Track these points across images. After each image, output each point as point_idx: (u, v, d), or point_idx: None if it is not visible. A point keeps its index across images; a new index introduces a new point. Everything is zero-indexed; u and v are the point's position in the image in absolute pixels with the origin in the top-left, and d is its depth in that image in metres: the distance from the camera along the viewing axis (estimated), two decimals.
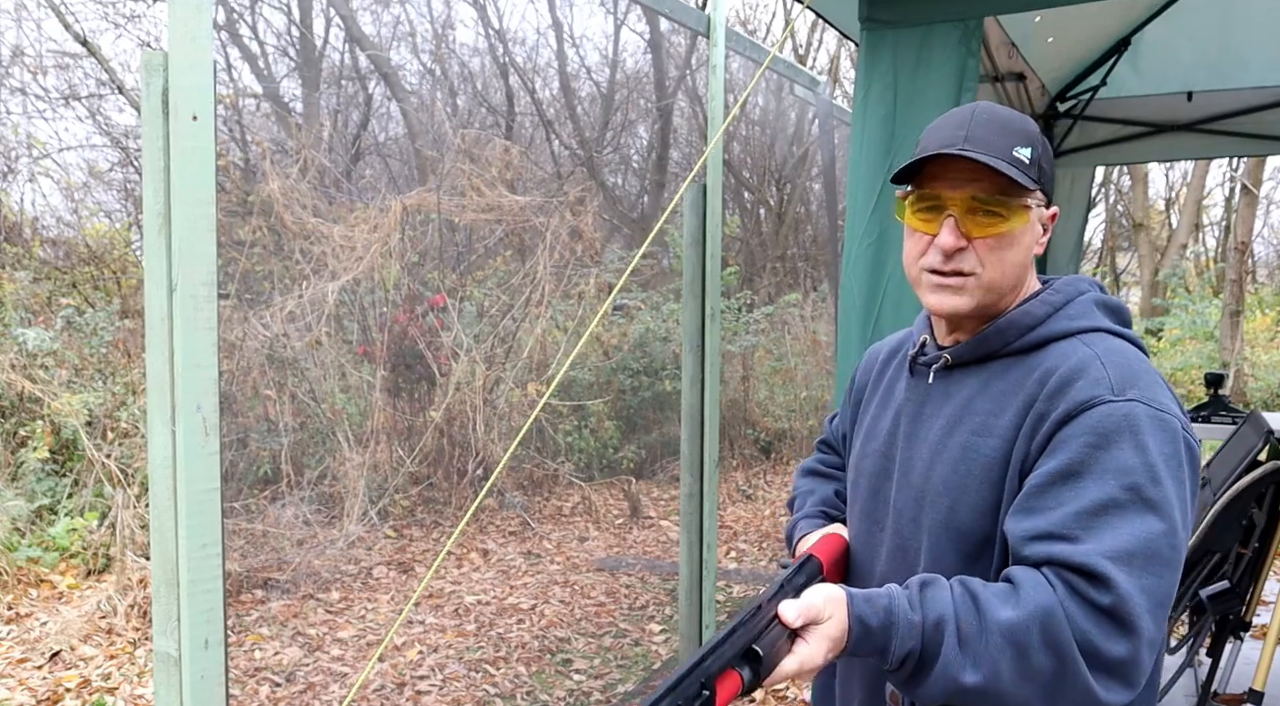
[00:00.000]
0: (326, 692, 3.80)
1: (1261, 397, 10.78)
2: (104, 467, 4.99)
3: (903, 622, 1.03)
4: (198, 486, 1.59)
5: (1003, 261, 1.18)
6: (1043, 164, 1.19)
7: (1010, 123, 1.19)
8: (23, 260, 6.12)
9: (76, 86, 6.80)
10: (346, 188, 6.28)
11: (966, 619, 1.02)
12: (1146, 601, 1.00)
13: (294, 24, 7.99)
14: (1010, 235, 1.17)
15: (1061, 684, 1.00)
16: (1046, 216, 1.23)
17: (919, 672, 1.03)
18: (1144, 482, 1.03)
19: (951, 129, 1.19)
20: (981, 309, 1.21)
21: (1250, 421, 3.42)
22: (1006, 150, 1.16)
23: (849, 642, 1.04)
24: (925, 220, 1.20)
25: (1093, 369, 1.11)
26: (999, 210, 1.16)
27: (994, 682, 1.01)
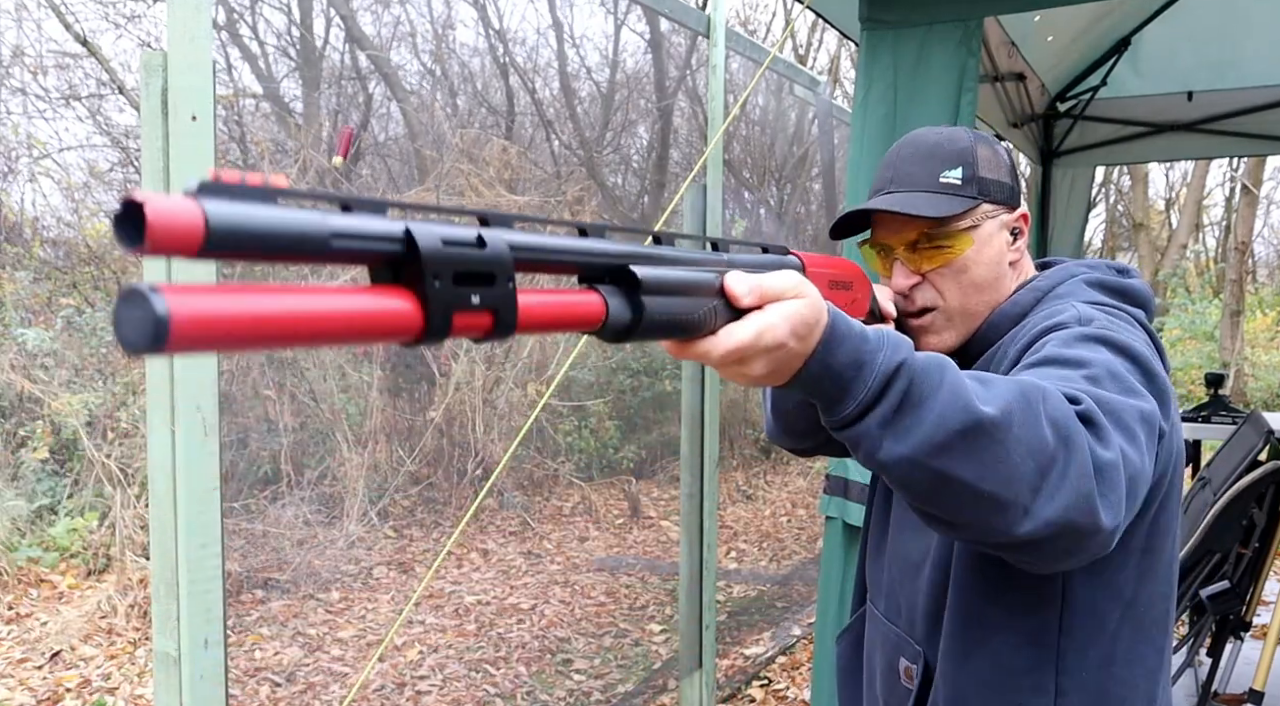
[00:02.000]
0: (326, 692, 3.80)
1: (1261, 398, 10.78)
2: (104, 467, 4.99)
3: (892, 336, 0.80)
4: (197, 486, 1.59)
5: (962, 286, 1.17)
6: (983, 175, 1.16)
7: (937, 148, 1.17)
8: (23, 260, 6.11)
9: (76, 86, 6.81)
10: (345, 188, 6.28)
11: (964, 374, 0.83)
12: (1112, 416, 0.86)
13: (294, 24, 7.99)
14: (960, 260, 1.16)
15: (1065, 469, 0.80)
16: (1010, 220, 1.19)
17: (908, 402, 0.77)
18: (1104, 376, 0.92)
19: (882, 170, 1.21)
20: (964, 335, 1.19)
21: (1250, 421, 3.42)
22: (932, 179, 1.15)
23: (821, 339, 0.75)
24: (882, 266, 1.22)
25: (1062, 313, 1.06)
26: (940, 242, 1.15)
27: (1005, 425, 0.78)
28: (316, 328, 0.48)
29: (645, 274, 0.67)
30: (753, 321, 0.72)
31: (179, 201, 0.43)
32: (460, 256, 0.55)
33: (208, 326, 0.43)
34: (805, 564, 5.86)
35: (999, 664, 1.07)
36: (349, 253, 0.52)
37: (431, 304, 0.53)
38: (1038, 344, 1.02)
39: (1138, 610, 1.07)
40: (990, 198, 1.16)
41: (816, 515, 6.60)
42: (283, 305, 0.47)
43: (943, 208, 1.13)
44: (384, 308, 0.52)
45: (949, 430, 0.77)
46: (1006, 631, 1.06)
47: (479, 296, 0.56)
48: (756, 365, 0.73)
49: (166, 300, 0.42)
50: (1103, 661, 1.06)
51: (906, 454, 0.77)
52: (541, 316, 0.60)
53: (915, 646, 1.17)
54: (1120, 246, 16.52)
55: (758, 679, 4.08)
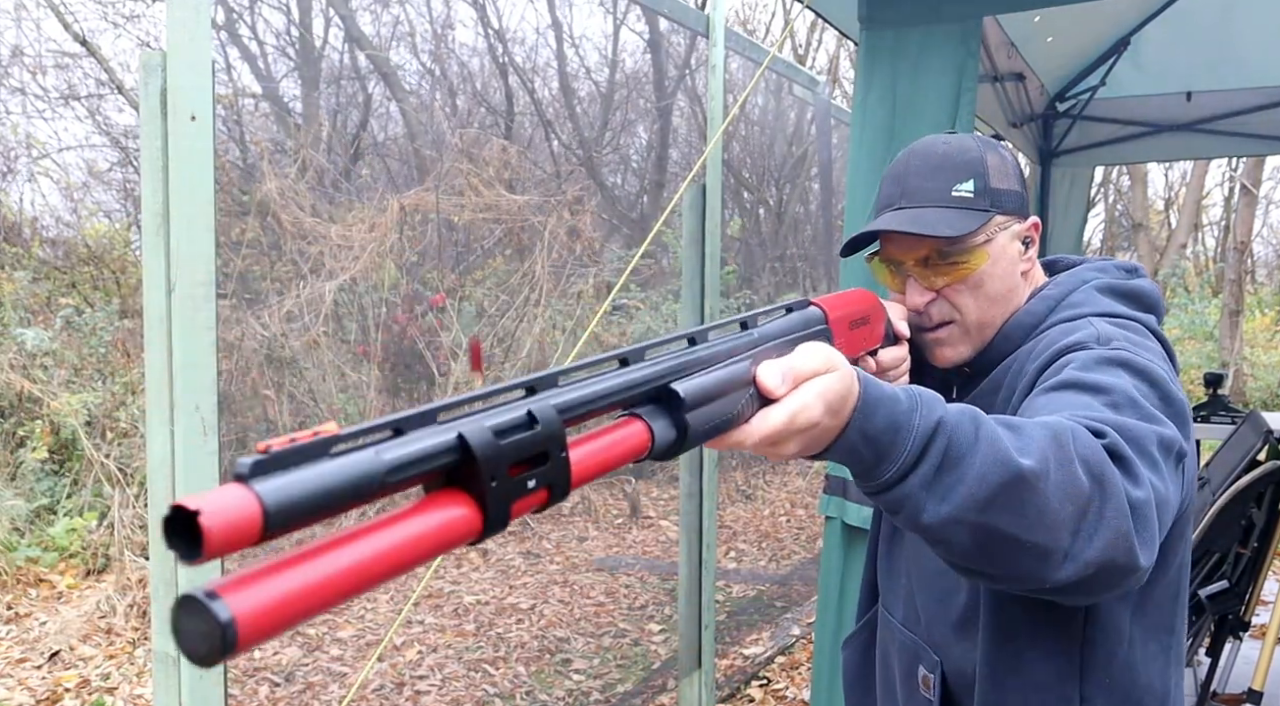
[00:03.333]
0: (326, 692, 3.80)
1: (1261, 398, 10.79)
2: (103, 467, 4.99)
3: (924, 396, 0.79)
4: (197, 486, 1.59)
5: (978, 299, 1.16)
6: (995, 186, 1.14)
7: (947, 160, 1.15)
8: (22, 260, 6.11)
9: (76, 86, 6.81)
10: (345, 187, 6.28)
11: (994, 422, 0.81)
12: (1136, 446, 0.85)
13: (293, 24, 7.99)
14: (975, 275, 1.15)
15: (1102, 510, 0.79)
16: (1022, 230, 1.18)
17: (948, 461, 0.75)
18: (1124, 402, 0.91)
19: (891, 183, 1.18)
20: (981, 345, 1.19)
21: (1249, 421, 3.42)
22: (945, 193, 1.13)
23: (855, 408, 0.74)
24: (894, 280, 1.21)
25: (1081, 330, 1.06)
26: (955, 258, 1.14)
27: (1043, 473, 0.76)
28: (382, 568, 0.47)
29: (687, 390, 0.66)
30: (786, 405, 0.71)
31: (232, 498, 0.40)
32: (514, 447, 0.53)
33: (276, 614, 0.40)
34: (805, 564, 5.86)
35: (1031, 679, 1.07)
36: (407, 480, 0.51)
37: (491, 504, 0.52)
38: (1057, 364, 1.01)
39: (1147, 612, 1.08)
40: (1003, 209, 1.15)
41: (816, 515, 6.60)
42: (344, 560, 0.45)
43: (958, 225, 1.11)
44: (445, 523, 0.51)
45: (991, 485, 0.75)
46: (1036, 646, 1.07)
47: (535, 479, 0.54)
48: (791, 445, 0.73)
49: (228, 603, 0.39)
50: (1121, 666, 1.07)
51: (950, 513, 0.76)
52: (593, 468, 0.59)
53: (933, 655, 1.16)
54: (1120, 246, 16.53)
55: (757, 679, 4.08)
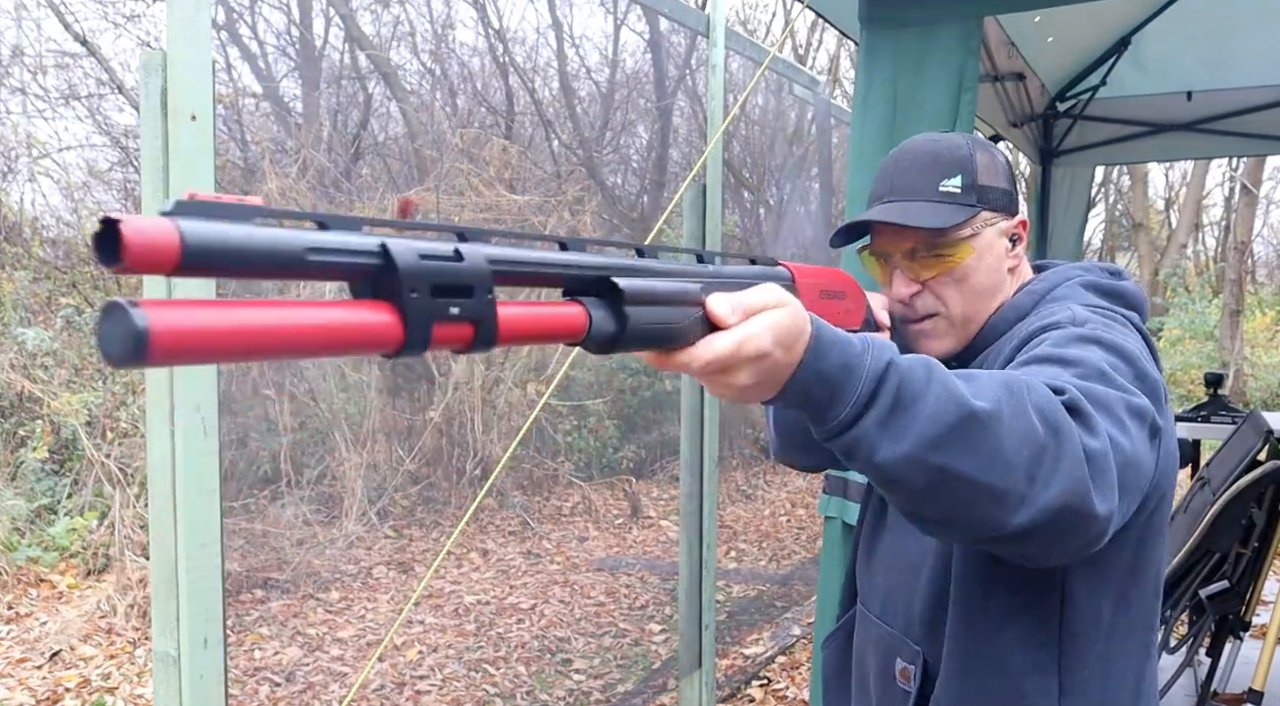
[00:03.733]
0: (326, 692, 3.80)
1: (1261, 397, 10.78)
2: (103, 467, 4.99)
3: (877, 340, 0.80)
4: (197, 486, 1.59)
5: (963, 292, 1.18)
6: (983, 182, 1.17)
7: (935, 157, 1.17)
8: (22, 260, 6.11)
9: (76, 86, 6.80)
10: (346, 187, 6.28)
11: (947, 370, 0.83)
12: (1099, 406, 0.86)
13: (294, 24, 7.98)
14: (961, 268, 1.16)
15: (1058, 456, 0.80)
16: (1009, 227, 1.20)
17: (901, 400, 0.76)
18: (1093, 373, 0.92)
19: (880, 180, 1.21)
20: (965, 340, 1.20)
21: (1250, 421, 3.42)
22: (932, 188, 1.16)
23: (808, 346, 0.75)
24: (882, 274, 1.23)
25: (1055, 313, 1.07)
26: (939, 252, 1.16)
27: (996, 414, 0.78)
28: (296, 340, 0.49)
29: (628, 285, 0.67)
30: (734, 332, 0.72)
31: (155, 221, 0.44)
32: (437, 269, 0.55)
33: (187, 339, 0.44)
34: (805, 563, 5.86)
35: (1003, 665, 1.06)
36: (326, 267, 0.52)
37: (410, 315, 0.54)
38: (1032, 343, 1.03)
39: (1130, 606, 1.07)
40: (989, 205, 1.17)
41: (816, 515, 6.60)
42: (262, 318, 0.48)
43: (943, 217, 1.14)
44: (363, 319, 0.53)
45: (945, 423, 0.76)
46: (1009, 631, 1.06)
47: (459, 308, 0.56)
48: (741, 375, 0.73)
49: (147, 315, 0.43)
50: (1100, 657, 1.06)
51: (906, 451, 0.76)
52: (523, 327, 0.61)
53: (913, 647, 1.15)
54: (1120, 246, 16.53)
55: (757, 678, 4.08)
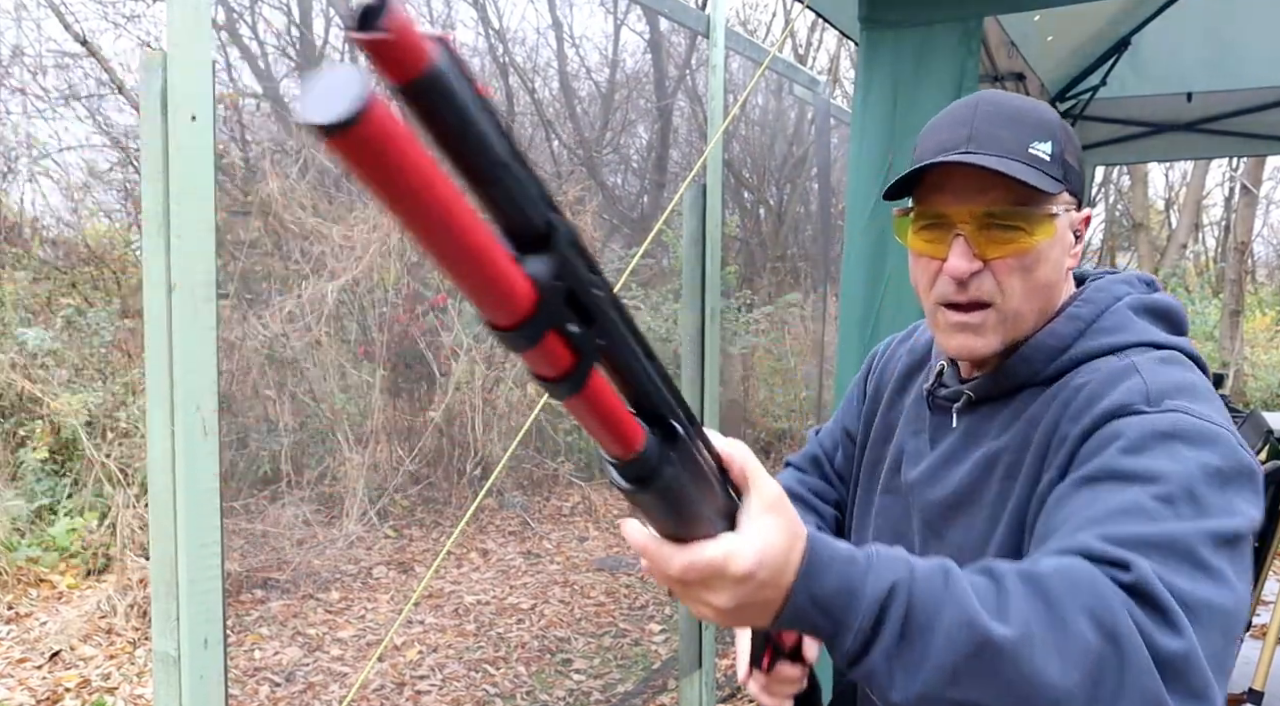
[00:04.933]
0: (326, 692, 3.80)
1: (1261, 398, 10.78)
2: (104, 467, 4.99)
3: (884, 554, 0.71)
4: (197, 486, 1.59)
5: (1028, 284, 0.98)
6: (1068, 159, 0.99)
7: (1025, 113, 0.99)
8: (23, 260, 6.11)
9: (76, 86, 6.80)
10: (346, 187, 6.28)
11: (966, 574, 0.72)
12: (1169, 587, 0.72)
13: (294, 24, 7.99)
14: (1034, 251, 0.97)
15: (1121, 672, 0.68)
16: (1079, 221, 1.03)
17: (911, 627, 0.67)
18: (1178, 494, 0.78)
19: (952, 127, 0.99)
20: (1006, 346, 1.02)
21: (1250, 421, 3.42)
22: (1022, 147, 0.96)
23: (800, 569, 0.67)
24: (930, 242, 1.00)
25: (1123, 380, 0.92)
26: (1019, 224, 0.96)
27: (1023, 638, 0.67)
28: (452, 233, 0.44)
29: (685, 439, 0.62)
30: (723, 541, 0.65)
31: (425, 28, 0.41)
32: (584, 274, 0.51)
33: (386, 140, 0.40)
34: None
35: None
36: (516, 189, 0.47)
37: (541, 304, 0.48)
38: (1102, 435, 0.87)
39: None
40: (1071, 187, 1.00)
41: None
42: (447, 192, 0.43)
43: (1041, 181, 0.94)
44: (510, 274, 0.47)
45: (962, 654, 0.66)
46: None
47: (575, 331, 0.51)
48: (721, 596, 0.65)
49: (375, 93, 0.40)
50: None
51: (919, 689, 0.67)
52: (601, 399, 0.55)
53: None
54: (1120, 246, 16.53)
55: None
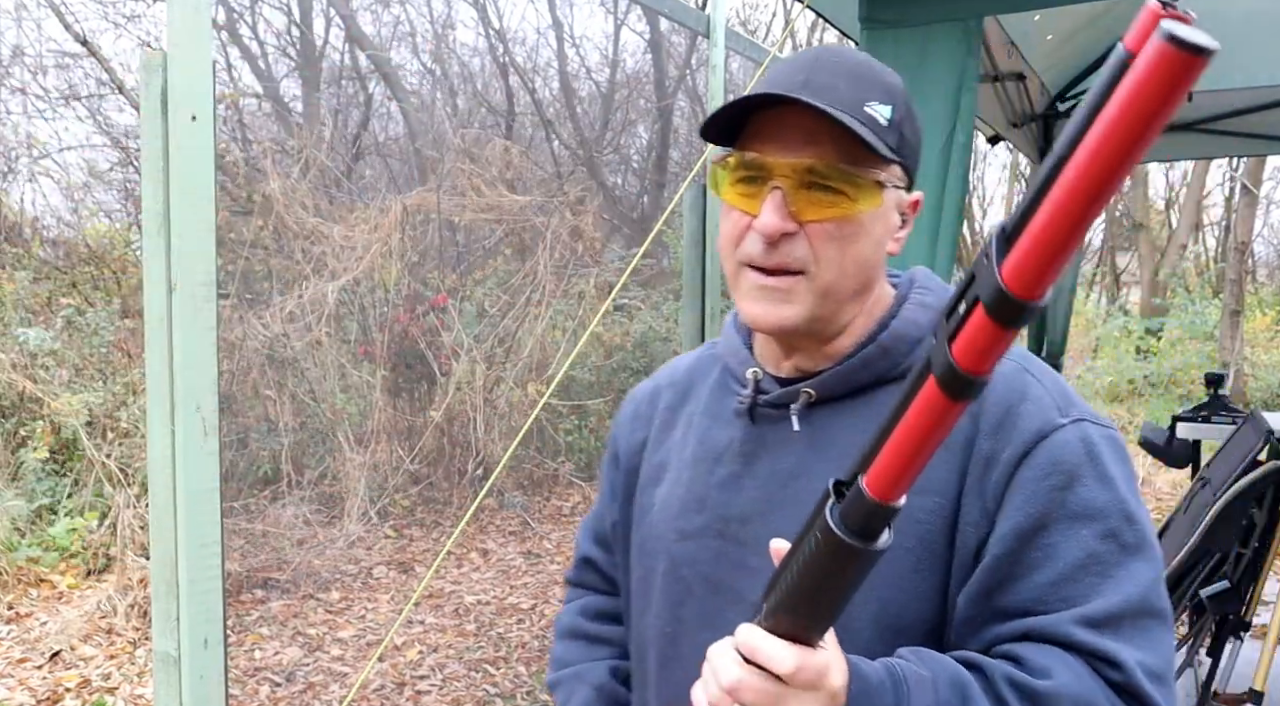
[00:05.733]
0: (326, 692, 3.80)
1: (1261, 397, 10.78)
2: (104, 467, 4.99)
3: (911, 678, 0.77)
4: (197, 486, 1.59)
5: (844, 256, 0.88)
6: (905, 131, 0.90)
7: (867, 69, 0.90)
8: (23, 260, 6.12)
9: (76, 86, 6.81)
10: (347, 187, 6.29)
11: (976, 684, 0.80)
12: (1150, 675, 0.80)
13: (294, 24, 7.99)
14: (856, 221, 0.87)
15: None
16: (907, 203, 0.93)
17: None
18: (1119, 525, 0.83)
19: (789, 73, 0.88)
20: (816, 323, 0.91)
21: (1250, 421, 3.42)
22: (857, 103, 0.86)
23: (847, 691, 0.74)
24: (745, 196, 0.89)
25: (1027, 386, 0.89)
26: (843, 186, 0.86)
27: None
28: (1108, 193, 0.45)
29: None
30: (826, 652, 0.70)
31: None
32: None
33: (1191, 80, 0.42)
34: None
35: None
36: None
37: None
38: (1038, 462, 0.85)
39: None
40: (905, 162, 0.91)
41: None
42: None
43: (874, 141, 0.85)
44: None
45: None
46: None
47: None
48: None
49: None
50: None
51: None
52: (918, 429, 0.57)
53: None
54: (1120, 246, 16.53)
55: None
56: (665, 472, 1.03)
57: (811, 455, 0.93)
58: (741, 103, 0.87)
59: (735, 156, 0.90)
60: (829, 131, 0.85)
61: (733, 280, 0.93)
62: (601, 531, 1.16)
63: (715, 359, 1.07)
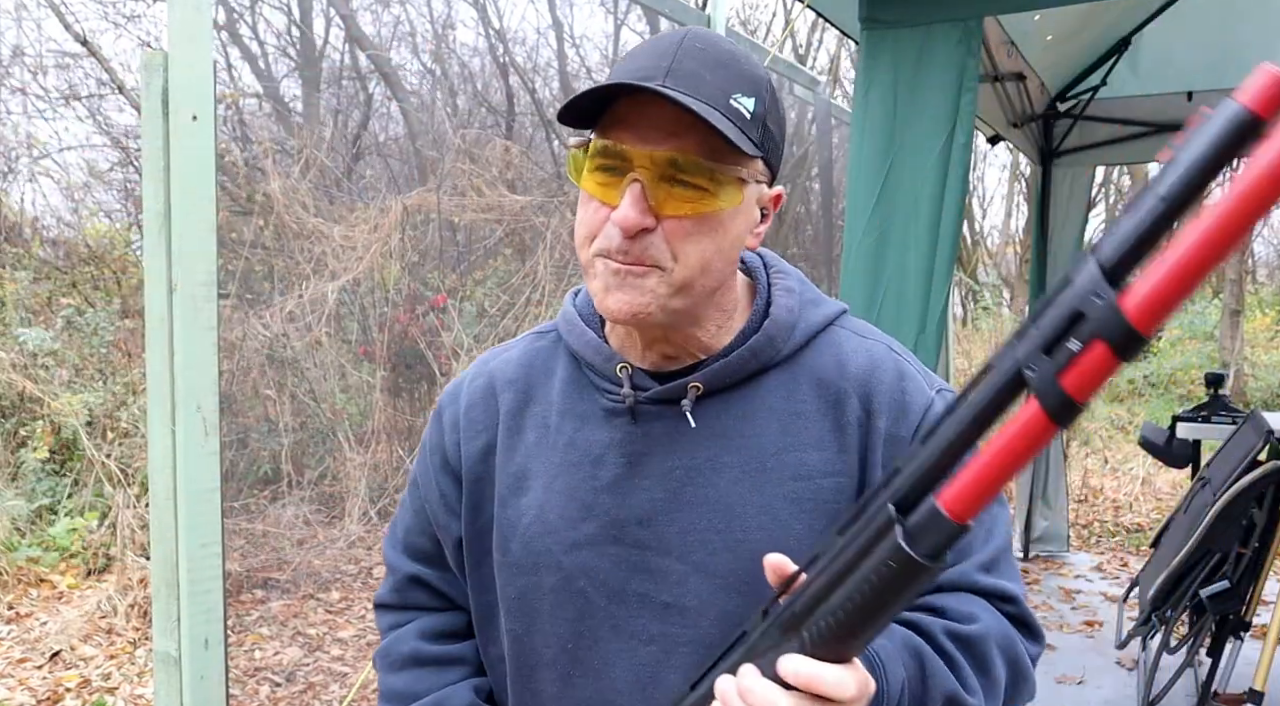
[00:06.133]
0: (326, 692, 3.80)
1: (1261, 397, 10.77)
2: (104, 467, 4.99)
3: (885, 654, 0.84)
4: (198, 486, 1.59)
5: (702, 253, 0.86)
6: (769, 124, 0.88)
7: (733, 61, 0.86)
8: (23, 260, 6.12)
9: (76, 86, 6.81)
10: (347, 187, 6.29)
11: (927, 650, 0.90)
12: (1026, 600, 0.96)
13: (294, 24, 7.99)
14: (715, 217, 0.85)
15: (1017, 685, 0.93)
16: (768, 198, 0.92)
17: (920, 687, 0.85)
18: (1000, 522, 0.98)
19: (652, 56, 0.85)
20: (674, 315, 0.89)
21: (1250, 421, 3.42)
22: (723, 96, 0.83)
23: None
24: (603, 185, 0.86)
25: (901, 367, 0.95)
26: (703, 182, 0.84)
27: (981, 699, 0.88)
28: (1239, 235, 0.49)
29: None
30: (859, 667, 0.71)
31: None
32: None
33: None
34: None
35: None
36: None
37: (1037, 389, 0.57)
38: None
39: None
40: (768, 156, 0.89)
41: None
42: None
43: (739, 138, 0.83)
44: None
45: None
46: None
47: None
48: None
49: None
50: None
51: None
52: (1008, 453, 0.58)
53: None
54: None
55: None
56: (529, 481, 0.97)
57: (713, 447, 0.92)
58: (601, 91, 0.83)
59: (595, 143, 0.86)
60: (692, 123, 0.82)
61: (587, 271, 0.90)
62: (421, 548, 1.07)
63: (553, 353, 1.02)
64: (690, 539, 0.91)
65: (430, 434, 1.06)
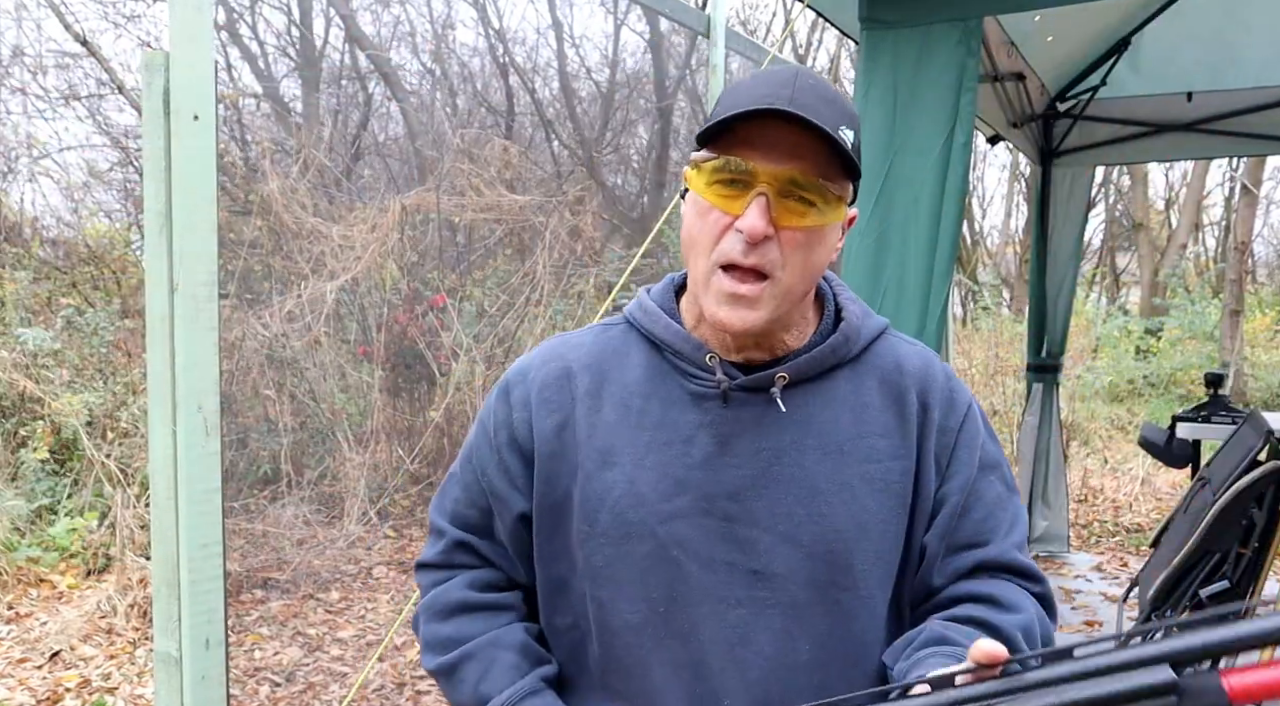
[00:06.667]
0: (326, 692, 3.80)
1: (1261, 397, 10.78)
2: (104, 467, 4.99)
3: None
4: (198, 486, 1.59)
5: (806, 263, 0.98)
6: (860, 155, 1.00)
7: (837, 98, 0.98)
8: (23, 260, 6.12)
9: (76, 86, 6.81)
10: (346, 187, 6.28)
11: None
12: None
13: (294, 24, 7.99)
14: (820, 231, 0.97)
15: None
16: (849, 217, 1.04)
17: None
18: (1006, 472, 1.10)
19: (773, 86, 0.95)
20: (774, 323, 1.00)
21: (1250, 421, 3.42)
22: (834, 126, 0.93)
23: None
24: (727, 196, 0.95)
25: (946, 368, 1.12)
26: (816, 198, 0.95)
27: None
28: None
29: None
30: None
31: None
32: None
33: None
34: None
35: None
36: None
37: None
38: (969, 428, 1.07)
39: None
40: (856, 181, 1.02)
41: None
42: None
43: (851, 160, 0.97)
44: None
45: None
46: None
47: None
48: None
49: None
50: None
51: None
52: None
53: None
54: (1120, 246, 16.53)
55: None
56: (615, 456, 1.03)
57: (797, 431, 1.02)
58: (744, 113, 0.93)
59: (722, 159, 0.96)
60: (810, 146, 0.94)
61: (704, 279, 0.99)
62: (470, 519, 1.13)
63: (624, 342, 1.09)
64: (778, 512, 1.00)
65: (494, 410, 1.11)
